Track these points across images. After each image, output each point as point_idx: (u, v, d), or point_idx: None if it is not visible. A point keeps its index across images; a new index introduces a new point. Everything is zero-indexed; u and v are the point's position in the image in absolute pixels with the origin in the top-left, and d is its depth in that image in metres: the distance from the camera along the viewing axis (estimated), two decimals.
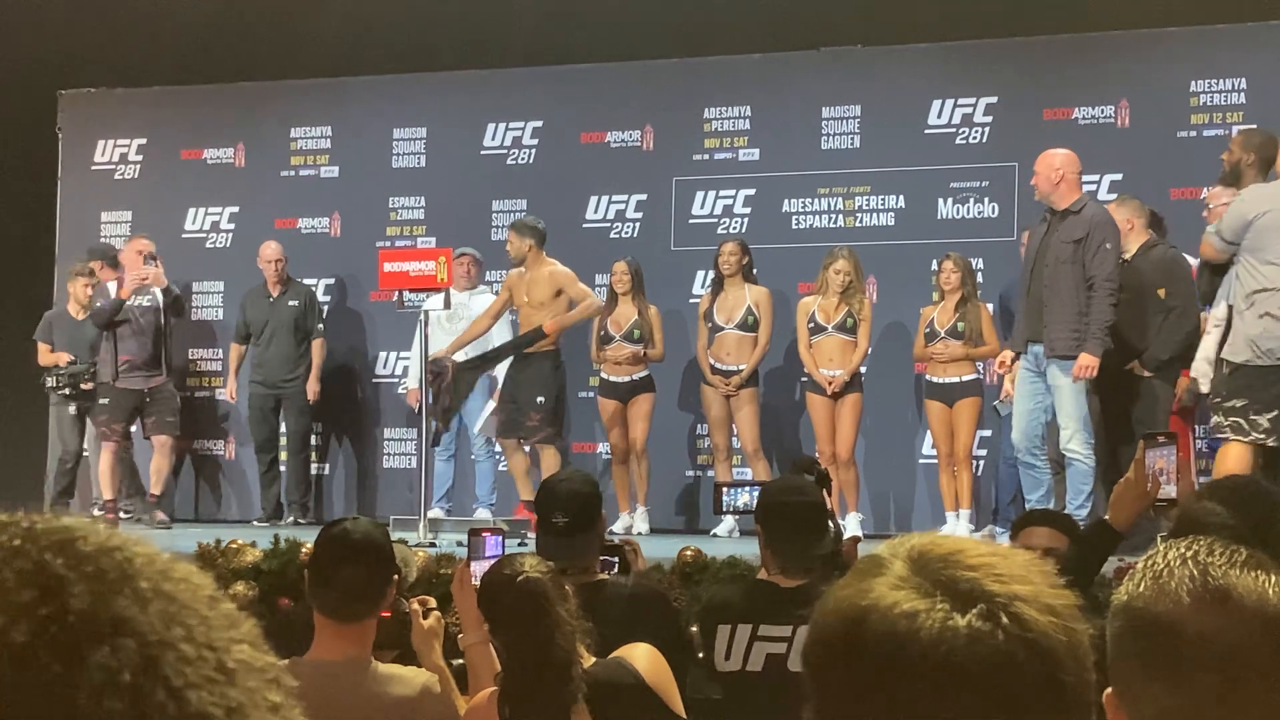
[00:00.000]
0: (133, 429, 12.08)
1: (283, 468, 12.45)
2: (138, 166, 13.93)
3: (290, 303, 12.27)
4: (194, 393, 13.26)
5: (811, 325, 10.76)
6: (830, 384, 10.60)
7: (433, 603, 4.78)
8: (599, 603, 4.86)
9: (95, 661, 0.80)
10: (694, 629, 5.45)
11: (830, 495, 5.76)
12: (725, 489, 6.16)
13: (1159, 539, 2.42)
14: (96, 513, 11.56)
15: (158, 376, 11.83)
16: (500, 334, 11.41)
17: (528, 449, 11.11)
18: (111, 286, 11.82)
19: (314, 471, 12.79)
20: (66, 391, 12.04)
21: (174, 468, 12.44)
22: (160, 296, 11.84)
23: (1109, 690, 1.85)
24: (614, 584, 5.29)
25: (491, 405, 11.36)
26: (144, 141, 13.90)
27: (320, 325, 12.39)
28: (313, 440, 12.63)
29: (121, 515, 11.77)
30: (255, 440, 12.45)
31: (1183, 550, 1.90)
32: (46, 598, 0.82)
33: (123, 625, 0.82)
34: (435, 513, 10.80)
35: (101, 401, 11.74)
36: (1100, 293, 9.03)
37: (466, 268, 11.73)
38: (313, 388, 12.23)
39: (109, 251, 12.67)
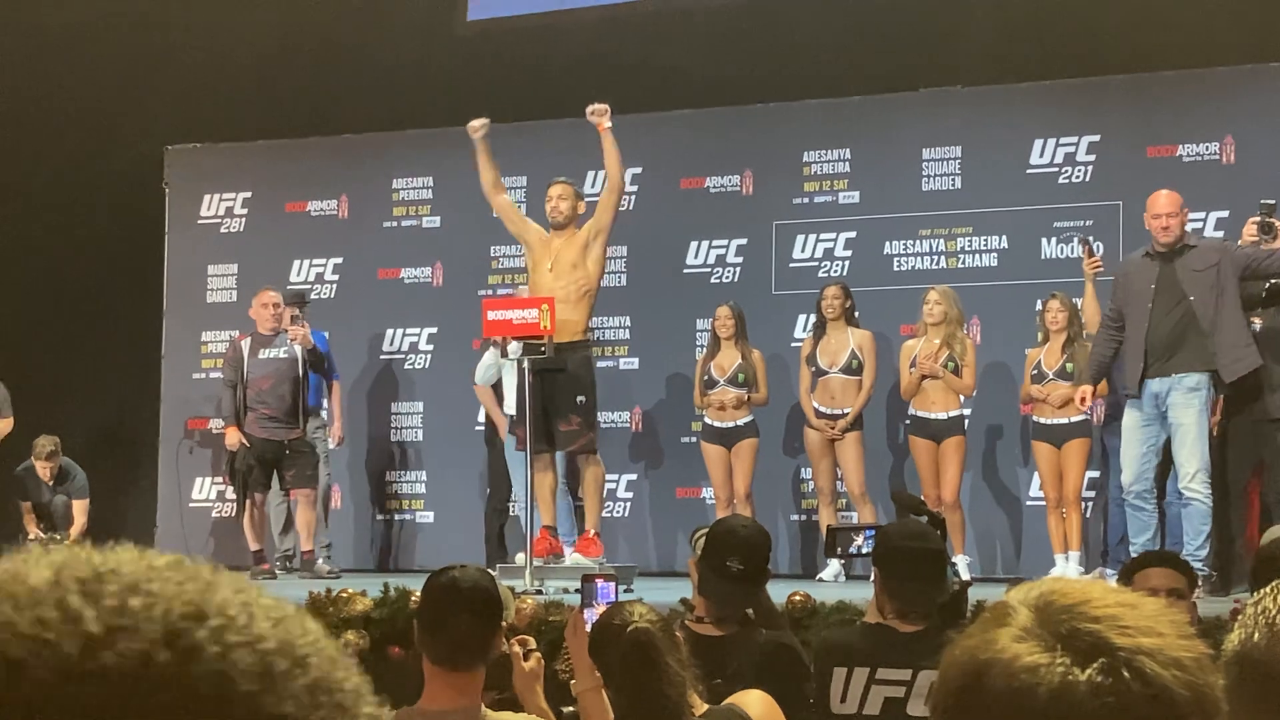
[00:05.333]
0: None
1: None
2: (243, 220, 14.10)
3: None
4: None
5: (912, 368, 10.70)
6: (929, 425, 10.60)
7: (532, 643, 4.77)
8: (734, 654, 4.87)
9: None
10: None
11: (943, 539, 5.71)
12: (839, 532, 6.11)
13: None
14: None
15: (296, 430, 11.88)
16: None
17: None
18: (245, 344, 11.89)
19: (416, 520, 12.83)
20: None
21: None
22: (299, 350, 11.90)
23: None
24: (747, 636, 5.28)
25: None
26: (249, 195, 14.08)
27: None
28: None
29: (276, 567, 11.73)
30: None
31: None
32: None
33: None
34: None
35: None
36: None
37: None
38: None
39: None
